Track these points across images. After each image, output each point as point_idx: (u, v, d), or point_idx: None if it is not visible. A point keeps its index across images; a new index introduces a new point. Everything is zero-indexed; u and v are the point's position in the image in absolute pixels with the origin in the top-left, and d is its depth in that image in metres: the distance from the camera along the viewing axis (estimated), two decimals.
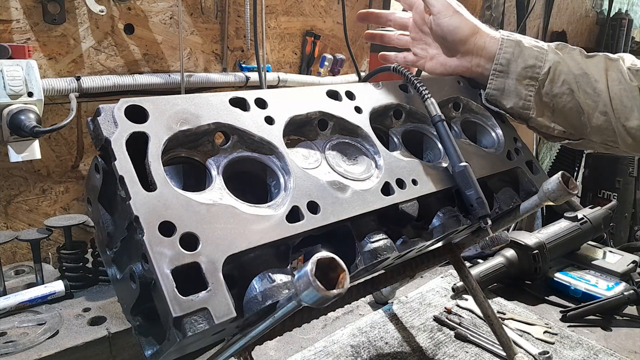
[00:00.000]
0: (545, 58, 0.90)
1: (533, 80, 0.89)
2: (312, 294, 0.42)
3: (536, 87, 0.89)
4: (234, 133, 0.62)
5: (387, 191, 0.70)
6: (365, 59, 2.05)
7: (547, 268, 1.40)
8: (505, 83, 0.90)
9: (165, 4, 1.46)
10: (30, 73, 1.13)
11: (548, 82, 0.89)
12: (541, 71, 0.89)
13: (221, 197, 0.56)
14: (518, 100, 0.90)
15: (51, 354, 0.97)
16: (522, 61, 0.89)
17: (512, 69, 0.90)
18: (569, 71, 0.89)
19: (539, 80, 0.89)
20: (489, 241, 0.82)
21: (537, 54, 0.90)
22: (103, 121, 0.53)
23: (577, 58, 0.91)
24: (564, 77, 0.89)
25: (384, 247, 0.67)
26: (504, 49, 0.90)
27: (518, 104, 0.90)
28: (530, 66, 0.89)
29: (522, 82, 0.89)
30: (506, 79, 0.90)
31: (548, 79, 0.89)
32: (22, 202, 1.35)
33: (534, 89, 0.89)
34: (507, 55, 0.90)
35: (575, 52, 0.92)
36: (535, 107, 0.90)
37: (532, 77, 0.89)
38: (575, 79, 0.89)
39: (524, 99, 0.90)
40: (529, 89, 0.90)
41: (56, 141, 1.36)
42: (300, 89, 0.73)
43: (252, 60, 1.68)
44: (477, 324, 1.23)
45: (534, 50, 0.90)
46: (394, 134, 0.82)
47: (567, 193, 0.77)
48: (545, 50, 0.91)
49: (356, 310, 1.30)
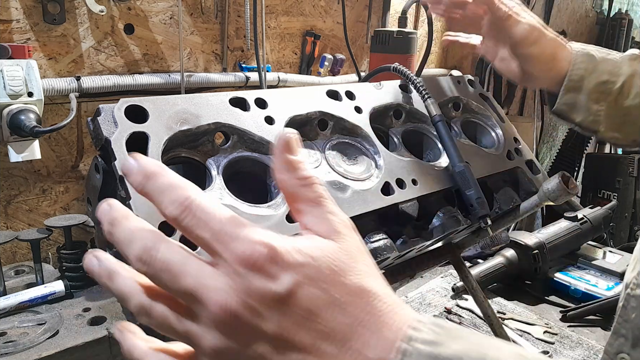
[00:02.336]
0: (619, 72, 0.87)
1: (605, 94, 0.87)
2: None
3: (607, 102, 0.87)
4: (234, 133, 0.62)
5: (387, 191, 0.70)
6: (365, 59, 2.05)
7: (547, 268, 1.40)
8: (577, 98, 0.87)
9: (165, 4, 1.46)
10: (30, 73, 1.13)
11: (620, 95, 0.87)
12: (614, 86, 0.86)
13: (221, 197, 0.56)
14: (587, 116, 0.88)
15: (51, 354, 0.97)
16: (595, 77, 0.86)
17: (584, 85, 0.87)
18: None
19: (611, 94, 0.87)
20: (489, 241, 0.82)
21: (611, 68, 0.87)
22: (103, 121, 0.53)
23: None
24: (636, 89, 0.86)
25: (384, 247, 0.67)
26: (577, 64, 0.87)
27: (587, 119, 0.88)
28: (604, 82, 0.86)
29: (593, 98, 0.87)
30: (578, 94, 0.87)
31: (620, 93, 0.86)
32: (22, 202, 1.35)
33: (605, 104, 0.87)
34: (580, 71, 0.87)
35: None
36: (604, 122, 0.88)
37: (604, 92, 0.86)
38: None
39: (594, 114, 0.87)
40: (600, 103, 0.87)
41: (56, 141, 1.36)
42: (300, 89, 0.73)
43: (252, 60, 1.68)
44: (477, 324, 1.23)
45: (608, 65, 0.87)
46: (394, 134, 0.82)
47: (567, 193, 0.77)
48: (618, 62, 0.88)
49: None
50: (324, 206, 0.39)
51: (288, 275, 0.35)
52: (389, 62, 0.86)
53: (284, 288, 0.34)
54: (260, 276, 0.35)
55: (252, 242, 0.35)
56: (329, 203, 0.39)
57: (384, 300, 0.37)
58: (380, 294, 0.37)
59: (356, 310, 0.36)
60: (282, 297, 0.35)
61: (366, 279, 0.37)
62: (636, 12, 3.75)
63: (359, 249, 0.39)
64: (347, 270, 0.37)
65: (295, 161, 0.39)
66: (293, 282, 0.35)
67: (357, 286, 0.36)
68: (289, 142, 0.39)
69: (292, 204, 0.40)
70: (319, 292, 0.35)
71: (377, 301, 0.37)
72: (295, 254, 0.36)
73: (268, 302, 0.35)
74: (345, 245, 0.38)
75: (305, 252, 0.36)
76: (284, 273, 0.35)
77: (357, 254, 0.38)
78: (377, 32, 1.57)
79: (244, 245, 0.35)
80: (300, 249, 0.36)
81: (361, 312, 0.36)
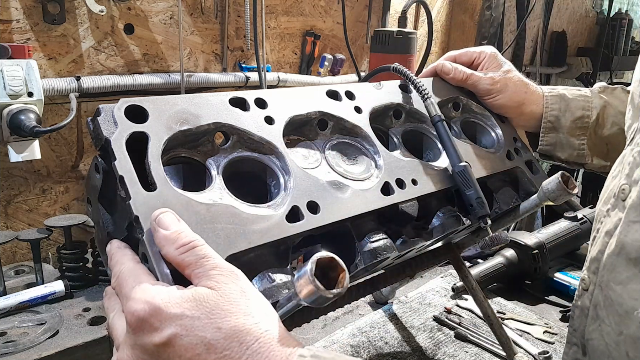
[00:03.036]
0: (591, 106, 0.91)
1: (583, 129, 0.91)
2: (312, 294, 0.42)
3: (587, 135, 0.91)
4: (233, 133, 0.62)
5: (386, 191, 0.70)
6: (365, 59, 2.05)
7: (547, 268, 1.40)
8: (557, 137, 0.93)
9: (165, 4, 1.46)
10: (30, 73, 1.13)
11: (598, 127, 0.91)
12: (590, 120, 0.91)
13: (221, 197, 0.56)
14: (572, 151, 0.92)
15: (51, 354, 0.97)
16: (569, 115, 0.91)
17: (562, 123, 0.92)
18: (616, 112, 0.91)
19: (589, 128, 0.91)
20: (489, 241, 0.82)
21: (583, 103, 0.91)
22: (103, 121, 0.53)
23: (621, 96, 0.92)
24: (612, 119, 0.91)
25: (383, 247, 0.67)
26: (549, 106, 0.92)
27: (572, 155, 0.93)
28: (579, 117, 0.91)
29: (574, 134, 0.91)
30: (557, 133, 0.92)
31: (597, 124, 0.91)
32: (22, 202, 1.35)
33: (586, 137, 0.91)
34: (555, 112, 0.92)
35: (617, 91, 0.94)
36: (589, 154, 0.92)
37: (582, 127, 0.91)
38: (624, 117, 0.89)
39: (578, 148, 0.92)
40: (581, 138, 0.92)
41: (56, 141, 1.36)
42: (300, 89, 0.73)
43: (252, 60, 1.68)
44: (477, 323, 1.23)
45: (580, 101, 0.92)
46: (393, 133, 0.82)
47: (567, 193, 0.77)
48: (589, 97, 0.92)
49: (356, 310, 1.30)
50: (204, 265, 0.45)
51: (168, 327, 0.41)
52: (389, 62, 0.86)
53: (163, 338, 0.41)
54: (146, 331, 0.42)
55: (138, 301, 0.43)
56: (210, 261, 0.45)
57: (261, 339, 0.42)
58: (259, 334, 0.42)
59: (232, 353, 0.41)
60: (162, 346, 0.41)
61: (244, 321, 0.42)
62: (636, 12, 3.75)
63: (242, 293, 0.44)
64: (224, 315, 0.42)
65: (171, 235, 0.46)
66: (171, 333, 0.41)
67: (233, 330, 0.41)
68: (161, 221, 0.47)
69: (183, 272, 0.46)
70: (196, 340, 0.41)
71: (255, 342, 0.41)
72: (173, 307, 0.42)
73: (152, 353, 0.42)
74: (225, 292, 0.43)
75: (183, 304, 0.42)
76: (165, 325, 0.41)
77: (237, 298, 0.43)
78: (377, 32, 1.58)
79: (133, 306, 0.43)
80: (178, 302, 0.42)
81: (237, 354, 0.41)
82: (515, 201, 0.87)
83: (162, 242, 0.46)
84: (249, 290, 0.45)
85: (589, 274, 0.70)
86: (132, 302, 0.43)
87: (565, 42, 3.05)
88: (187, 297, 0.42)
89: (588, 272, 0.70)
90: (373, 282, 0.93)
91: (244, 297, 0.44)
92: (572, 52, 3.23)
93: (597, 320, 0.67)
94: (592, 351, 0.68)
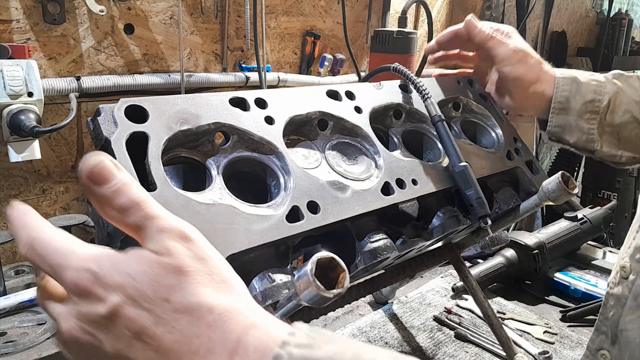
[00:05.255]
0: (604, 90, 0.89)
1: (594, 114, 0.89)
2: (312, 294, 0.42)
3: (598, 119, 0.89)
4: (234, 133, 0.62)
5: (387, 191, 0.70)
6: (365, 59, 2.04)
7: (547, 268, 1.40)
8: (567, 120, 0.91)
9: (165, 4, 1.46)
10: (30, 73, 1.13)
11: (609, 113, 0.89)
12: (601, 104, 0.89)
13: (221, 197, 0.56)
14: (581, 135, 0.91)
15: (51, 354, 0.97)
16: (580, 97, 0.89)
17: (572, 105, 0.90)
18: (630, 99, 0.89)
19: (599, 113, 0.89)
20: (489, 241, 0.82)
21: (595, 87, 0.90)
22: (103, 121, 0.53)
23: (636, 84, 0.91)
24: (624, 106, 0.89)
25: (383, 247, 0.67)
26: (560, 87, 0.90)
27: (582, 139, 0.91)
28: (590, 101, 0.89)
29: (583, 117, 0.90)
30: (567, 115, 0.91)
31: (609, 111, 0.89)
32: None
33: (596, 122, 0.90)
34: (565, 93, 0.90)
35: (632, 79, 0.92)
36: (599, 139, 0.90)
37: (593, 111, 0.89)
38: (637, 106, 0.88)
39: (587, 133, 0.90)
40: (591, 122, 0.90)
41: (56, 141, 1.36)
42: (300, 89, 0.73)
43: (252, 60, 1.68)
44: (477, 324, 1.23)
45: (592, 85, 0.90)
46: (394, 133, 0.82)
47: (567, 193, 0.77)
48: (603, 82, 0.91)
49: (356, 310, 1.30)
50: (149, 227, 0.38)
51: (112, 296, 0.36)
52: (389, 62, 0.86)
53: (108, 309, 0.36)
54: (89, 300, 0.37)
55: (77, 269, 0.37)
56: (156, 221, 0.38)
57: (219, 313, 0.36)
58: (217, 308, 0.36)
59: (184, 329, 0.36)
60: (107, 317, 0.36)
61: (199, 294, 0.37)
62: (636, 12, 3.75)
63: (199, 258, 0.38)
64: (172, 289, 0.36)
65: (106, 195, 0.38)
66: (115, 303, 0.36)
67: (184, 304, 0.36)
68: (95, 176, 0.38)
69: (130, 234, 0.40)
70: (142, 311, 0.36)
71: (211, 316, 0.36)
72: (116, 275, 0.36)
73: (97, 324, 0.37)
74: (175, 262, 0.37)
75: (126, 271, 0.37)
76: (109, 294, 0.36)
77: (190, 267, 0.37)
78: (377, 32, 1.57)
79: (72, 274, 0.37)
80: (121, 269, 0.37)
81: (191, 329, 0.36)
82: (515, 201, 0.87)
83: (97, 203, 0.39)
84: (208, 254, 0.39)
85: (631, 262, 0.67)
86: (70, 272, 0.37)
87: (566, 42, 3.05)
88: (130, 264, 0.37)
89: (631, 260, 0.67)
90: (373, 282, 0.93)
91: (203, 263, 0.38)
92: (572, 52, 3.24)
93: (636, 311, 0.64)
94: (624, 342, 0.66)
